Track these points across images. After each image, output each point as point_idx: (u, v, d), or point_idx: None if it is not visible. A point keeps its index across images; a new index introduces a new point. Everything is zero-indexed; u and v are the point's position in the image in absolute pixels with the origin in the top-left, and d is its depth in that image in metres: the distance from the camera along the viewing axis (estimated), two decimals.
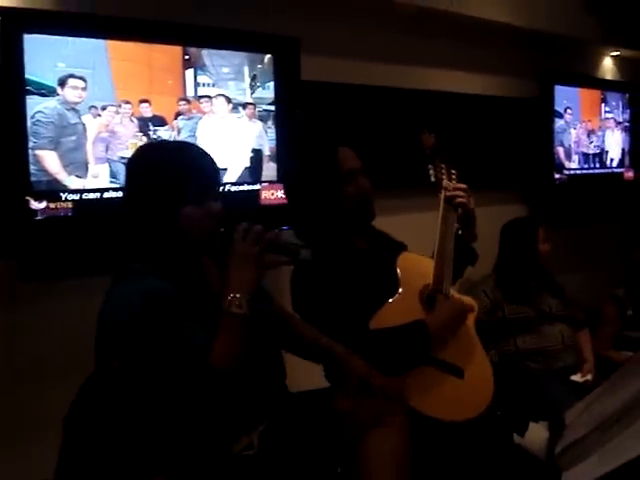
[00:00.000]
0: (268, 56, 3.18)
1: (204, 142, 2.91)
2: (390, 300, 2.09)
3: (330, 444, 1.84)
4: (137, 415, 1.59)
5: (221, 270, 1.74)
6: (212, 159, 1.80)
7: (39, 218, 2.56)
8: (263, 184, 3.18)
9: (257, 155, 3.18)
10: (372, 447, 1.77)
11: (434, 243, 2.23)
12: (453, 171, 2.37)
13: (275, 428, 1.80)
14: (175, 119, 2.91)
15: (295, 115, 3.24)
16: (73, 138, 2.64)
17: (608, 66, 5.66)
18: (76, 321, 2.53)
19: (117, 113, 2.74)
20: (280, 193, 3.19)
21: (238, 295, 1.64)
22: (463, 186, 2.32)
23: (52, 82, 2.58)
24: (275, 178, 3.21)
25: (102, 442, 1.58)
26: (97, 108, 2.69)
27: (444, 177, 2.33)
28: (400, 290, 2.12)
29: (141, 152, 1.86)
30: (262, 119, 3.18)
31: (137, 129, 2.80)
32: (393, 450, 1.78)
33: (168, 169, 1.72)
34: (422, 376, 2.01)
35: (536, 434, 1.86)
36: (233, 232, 1.69)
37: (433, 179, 2.34)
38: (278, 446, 1.78)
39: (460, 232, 2.32)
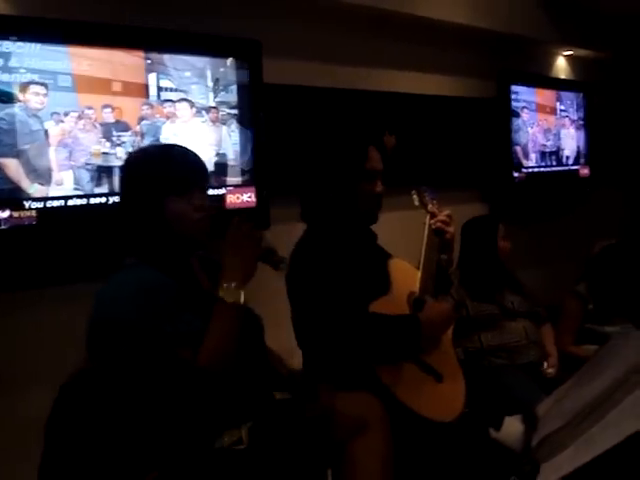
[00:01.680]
0: (230, 59, 3.17)
1: None
2: (381, 298, 2.16)
3: (318, 440, 1.86)
4: (124, 412, 1.59)
5: (209, 271, 1.83)
6: (197, 156, 1.89)
7: (3, 227, 2.51)
8: (228, 188, 3.17)
9: (221, 159, 3.17)
10: (358, 451, 1.83)
11: (416, 256, 2.31)
12: (434, 200, 2.41)
13: (265, 423, 1.81)
14: (138, 124, 2.88)
15: (259, 118, 3.24)
16: (35, 145, 2.59)
17: (562, 65, 5.77)
18: (44, 331, 2.50)
19: (80, 119, 2.70)
20: (246, 197, 3.18)
21: (233, 284, 1.71)
22: (448, 213, 2.38)
23: (12, 89, 2.53)
24: (240, 182, 3.21)
25: (88, 443, 1.56)
26: (59, 114, 2.65)
27: (428, 202, 2.39)
28: (391, 291, 2.20)
29: (131, 155, 2.02)
30: (225, 123, 3.17)
31: (101, 135, 2.76)
32: (378, 453, 1.84)
33: (152, 163, 1.82)
34: (407, 372, 2.08)
35: (511, 428, 1.89)
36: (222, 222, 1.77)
37: (417, 203, 2.39)
38: (268, 441, 1.79)
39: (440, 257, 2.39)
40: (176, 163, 1.82)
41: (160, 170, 1.79)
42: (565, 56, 5.74)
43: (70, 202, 2.67)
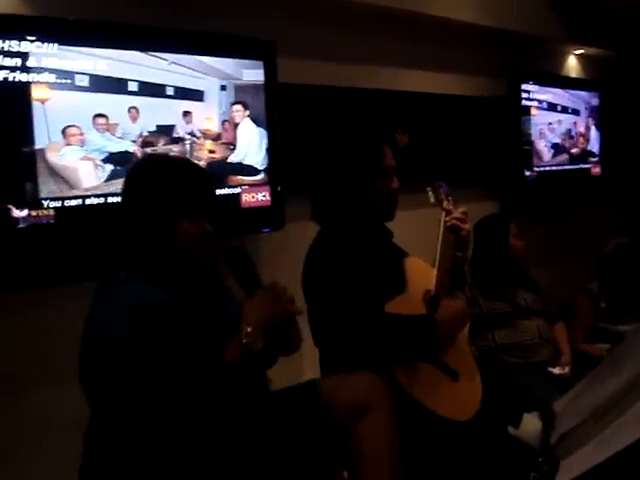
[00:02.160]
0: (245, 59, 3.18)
1: None
2: (397, 296, 2.15)
3: (319, 435, 1.86)
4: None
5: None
6: (210, 179, 1.86)
7: (21, 226, 2.52)
8: (243, 187, 3.17)
9: (236, 158, 3.17)
10: (364, 437, 1.83)
11: (430, 254, 2.30)
12: (450, 197, 2.41)
13: (261, 422, 1.81)
14: None
15: (273, 117, 3.25)
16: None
17: (573, 64, 5.77)
18: (60, 329, 2.51)
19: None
20: (260, 196, 3.20)
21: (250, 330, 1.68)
22: (463, 210, 2.37)
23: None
24: (255, 181, 3.22)
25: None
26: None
27: (443, 199, 2.38)
28: (406, 289, 2.19)
29: (143, 163, 1.93)
30: (240, 122, 3.17)
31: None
32: (383, 432, 1.84)
33: (168, 182, 1.75)
34: (425, 372, 2.08)
35: (529, 425, 1.90)
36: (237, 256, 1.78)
37: (432, 201, 2.39)
38: (270, 441, 1.80)
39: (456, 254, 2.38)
40: (194, 185, 1.78)
41: (178, 190, 1.74)
42: (576, 55, 5.73)
43: (88, 201, 2.68)
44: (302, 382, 2.05)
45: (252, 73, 3.18)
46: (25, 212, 2.52)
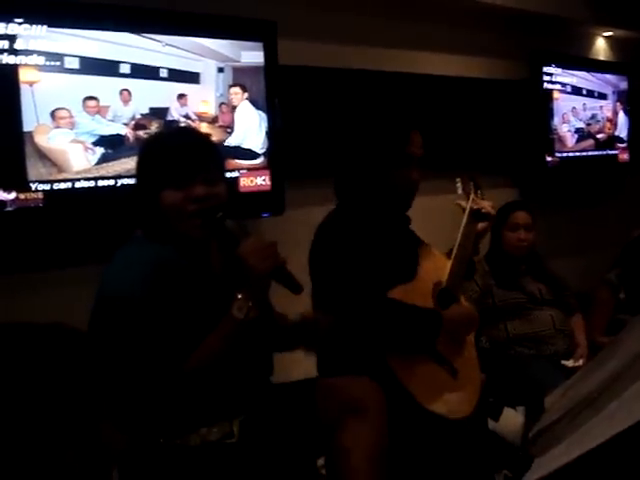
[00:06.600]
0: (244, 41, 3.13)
1: None
2: (404, 284, 2.11)
3: (309, 433, 1.84)
4: None
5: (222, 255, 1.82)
6: (205, 143, 1.87)
7: (9, 209, 2.51)
8: (242, 171, 3.13)
9: (235, 141, 3.12)
10: (350, 438, 1.78)
11: (443, 242, 2.30)
12: (480, 190, 2.37)
13: (256, 417, 1.80)
14: None
15: (274, 100, 3.20)
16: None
17: (602, 47, 5.59)
18: (49, 314, 2.49)
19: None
20: (260, 180, 3.14)
21: (250, 303, 1.68)
22: (491, 204, 2.35)
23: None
24: (254, 165, 3.17)
25: None
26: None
27: (471, 192, 2.34)
28: (416, 278, 2.15)
29: (146, 138, 2.06)
30: (239, 104, 3.12)
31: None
32: (370, 442, 1.79)
33: (152, 153, 1.79)
34: (422, 364, 2.05)
35: (511, 420, 1.84)
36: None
37: (460, 192, 2.35)
38: (258, 435, 1.78)
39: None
40: (177, 154, 1.75)
41: (158, 161, 1.74)
42: (605, 37, 5.55)
43: (78, 185, 2.66)
44: (301, 379, 2.06)
45: (251, 55, 3.13)
46: (13, 195, 2.51)
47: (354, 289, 2.00)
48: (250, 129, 3.14)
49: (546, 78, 4.71)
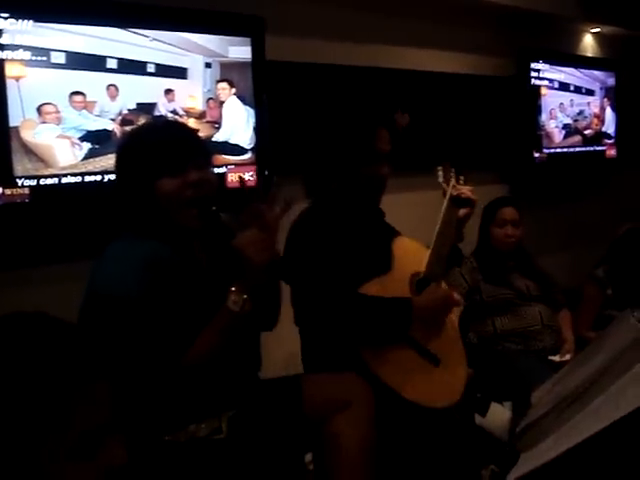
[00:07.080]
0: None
1: None
2: (380, 276, 2.10)
3: (296, 429, 1.85)
4: None
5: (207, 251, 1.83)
6: (191, 131, 1.90)
7: None
8: (229, 167, 3.11)
9: (222, 136, 3.12)
10: (338, 433, 1.80)
11: (430, 238, 2.24)
12: (461, 177, 2.35)
13: (244, 413, 1.80)
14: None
15: (261, 96, 3.19)
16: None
17: (589, 43, 5.60)
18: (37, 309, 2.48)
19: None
20: (247, 176, 3.13)
21: (244, 296, 1.68)
22: (471, 188, 2.32)
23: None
24: (241, 160, 3.16)
25: None
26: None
27: (452, 179, 2.32)
28: (392, 270, 2.13)
29: (127, 132, 2.03)
30: (226, 100, 3.11)
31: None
32: (359, 437, 1.80)
33: (145, 144, 1.78)
34: (399, 354, 2.03)
35: (498, 415, 1.84)
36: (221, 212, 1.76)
37: (440, 180, 2.33)
38: (247, 431, 1.78)
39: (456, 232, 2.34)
40: (169, 143, 1.77)
41: (151, 152, 1.74)
42: (593, 33, 5.56)
43: (64, 180, 2.64)
44: (289, 375, 2.05)
45: (239, 50, 3.12)
46: None
47: (325, 286, 2.01)
48: (238, 125, 3.13)
49: (534, 74, 4.72)
